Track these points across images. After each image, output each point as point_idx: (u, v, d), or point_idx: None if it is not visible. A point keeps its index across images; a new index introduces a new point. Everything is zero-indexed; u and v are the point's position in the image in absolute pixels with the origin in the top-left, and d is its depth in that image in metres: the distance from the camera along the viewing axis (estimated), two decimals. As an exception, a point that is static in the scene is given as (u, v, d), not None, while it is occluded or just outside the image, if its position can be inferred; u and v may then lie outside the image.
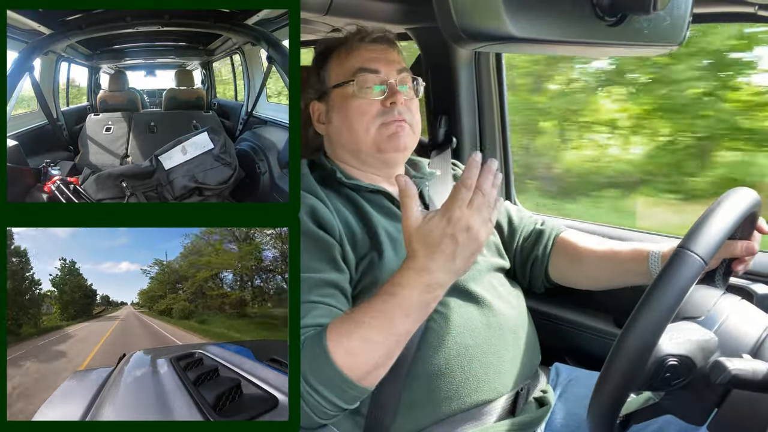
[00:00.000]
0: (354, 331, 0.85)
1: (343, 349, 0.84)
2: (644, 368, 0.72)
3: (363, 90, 1.09)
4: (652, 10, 0.62)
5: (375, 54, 1.12)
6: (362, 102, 1.09)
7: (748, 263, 0.96)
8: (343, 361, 0.84)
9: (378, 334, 0.84)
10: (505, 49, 1.14)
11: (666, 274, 0.71)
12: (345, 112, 1.10)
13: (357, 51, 1.12)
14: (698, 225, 0.74)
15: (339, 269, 0.98)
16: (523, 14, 0.59)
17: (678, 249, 0.72)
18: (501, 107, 1.64)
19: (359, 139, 1.10)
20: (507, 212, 1.30)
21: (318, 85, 1.16)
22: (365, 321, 0.84)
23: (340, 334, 0.85)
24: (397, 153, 1.12)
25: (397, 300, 0.84)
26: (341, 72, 1.12)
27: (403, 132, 1.10)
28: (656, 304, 0.69)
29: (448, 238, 0.82)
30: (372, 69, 1.10)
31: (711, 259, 0.72)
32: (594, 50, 0.83)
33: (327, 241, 0.99)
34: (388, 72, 1.11)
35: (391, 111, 1.09)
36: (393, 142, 1.09)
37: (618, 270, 1.14)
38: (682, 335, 0.75)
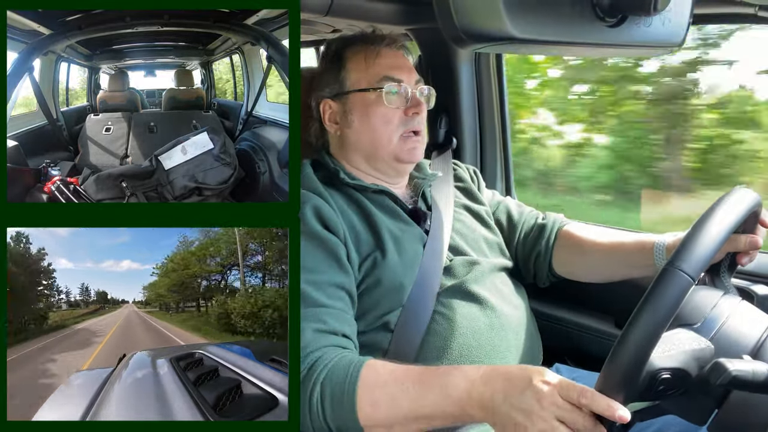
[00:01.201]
0: (389, 385, 0.83)
1: (371, 398, 0.83)
2: (637, 384, 0.71)
3: (388, 97, 1.10)
4: (653, 11, 0.62)
5: (398, 61, 1.14)
6: (387, 110, 1.10)
7: (754, 256, 0.95)
8: (363, 408, 0.83)
9: (407, 400, 0.82)
10: (505, 49, 1.14)
11: (653, 292, 0.69)
12: (367, 117, 1.11)
13: (382, 57, 1.13)
14: (688, 238, 0.72)
15: (345, 271, 0.99)
16: (523, 15, 0.59)
17: (666, 267, 0.70)
18: (501, 107, 1.64)
19: (380, 146, 1.11)
20: (507, 208, 1.30)
21: (335, 85, 1.15)
22: (404, 384, 0.83)
23: (376, 382, 0.84)
24: (412, 164, 1.15)
25: (441, 381, 0.81)
26: (364, 77, 1.12)
27: (419, 146, 1.13)
28: (644, 323, 0.68)
29: (525, 415, 0.73)
30: (397, 78, 1.11)
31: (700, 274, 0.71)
32: (594, 51, 0.83)
33: (332, 241, 0.99)
34: (409, 81, 1.12)
35: (412, 120, 1.11)
36: (411, 155, 1.12)
37: (623, 262, 1.13)
38: (675, 347, 0.74)
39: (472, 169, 1.34)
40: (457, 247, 1.13)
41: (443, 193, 1.19)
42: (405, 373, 0.85)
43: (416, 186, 1.18)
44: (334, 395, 0.84)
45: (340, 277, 0.97)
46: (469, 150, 1.61)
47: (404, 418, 0.83)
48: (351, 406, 0.83)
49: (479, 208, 1.24)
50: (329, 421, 0.85)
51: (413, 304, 1.02)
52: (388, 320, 1.02)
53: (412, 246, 1.07)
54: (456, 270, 1.09)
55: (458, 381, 0.80)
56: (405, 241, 1.06)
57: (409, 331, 1.01)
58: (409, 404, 0.82)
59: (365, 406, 0.83)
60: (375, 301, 1.01)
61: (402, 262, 1.03)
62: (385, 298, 1.02)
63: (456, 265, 1.09)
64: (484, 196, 1.30)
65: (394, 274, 1.02)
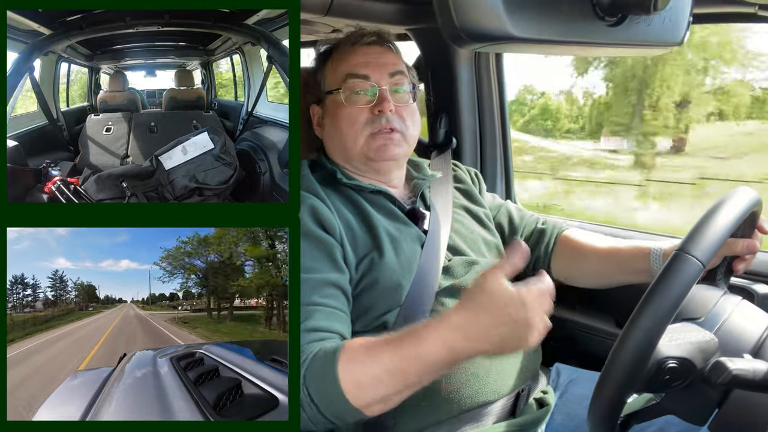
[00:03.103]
0: (369, 365, 0.83)
1: (354, 379, 0.83)
2: (644, 371, 0.72)
3: (351, 97, 1.08)
4: (653, 10, 0.62)
5: (366, 58, 1.10)
6: (351, 110, 1.07)
7: (750, 262, 0.96)
8: (350, 390, 0.83)
9: (391, 377, 0.82)
10: (505, 49, 1.14)
11: (665, 277, 0.71)
12: (336, 119, 1.09)
13: (348, 56, 1.11)
14: (697, 227, 0.74)
15: (340, 269, 0.98)
16: (522, 14, 0.59)
17: (677, 252, 0.72)
18: (501, 107, 1.64)
19: (348, 147, 1.09)
20: (508, 212, 1.30)
21: (315, 89, 1.15)
22: (382, 361, 0.82)
23: (354, 363, 0.83)
24: (388, 162, 1.10)
25: (418, 351, 0.80)
26: (333, 78, 1.11)
27: (392, 143, 1.08)
28: (655, 307, 0.69)
29: (508, 318, 0.76)
30: (361, 74, 1.08)
31: (710, 261, 0.72)
32: (594, 50, 0.83)
33: (328, 241, 0.99)
34: (379, 77, 1.08)
35: (379, 119, 1.07)
36: (381, 153, 1.08)
37: (620, 268, 1.14)
38: (681, 337, 0.75)
39: (473, 171, 1.34)
40: (456, 247, 1.13)
41: (442, 193, 1.19)
42: (379, 347, 0.83)
43: (415, 186, 1.18)
44: (319, 387, 0.84)
45: (334, 275, 0.97)
46: (469, 150, 1.61)
47: (394, 389, 0.83)
48: (338, 393, 0.83)
49: (479, 210, 1.24)
50: (325, 413, 0.85)
51: (411, 304, 1.02)
52: (386, 320, 1.01)
53: (410, 246, 1.06)
54: (455, 270, 1.09)
55: (436, 348, 0.79)
56: (402, 241, 1.06)
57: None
58: (393, 379, 0.82)
59: (351, 389, 0.82)
60: (373, 301, 1.01)
61: (399, 263, 1.03)
62: (383, 298, 1.01)
63: (455, 265, 1.09)
64: (485, 199, 1.30)
65: (391, 274, 1.02)
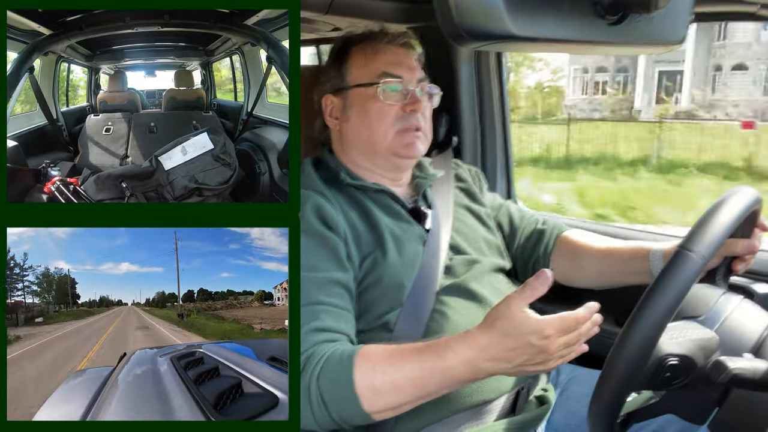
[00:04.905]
0: (390, 373, 0.84)
1: (371, 385, 0.84)
2: (644, 368, 0.72)
3: (385, 94, 1.09)
4: (653, 9, 0.61)
5: (399, 58, 1.13)
6: (383, 106, 1.10)
7: (749, 262, 0.96)
8: (365, 395, 0.83)
9: (411, 387, 0.84)
10: (505, 47, 1.14)
11: (666, 273, 0.71)
12: (365, 112, 1.11)
13: (382, 53, 1.13)
14: (699, 225, 0.75)
15: (344, 268, 0.98)
16: (523, 13, 0.59)
17: (679, 249, 0.73)
18: (502, 106, 1.64)
19: (377, 141, 1.10)
20: (508, 212, 1.30)
21: (336, 80, 1.15)
22: (403, 370, 0.84)
23: (373, 369, 0.84)
24: (411, 160, 1.14)
25: (441, 365, 0.83)
26: (364, 72, 1.12)
27: (419, 141, 1.12)
28: (656, 303, 0.70)
29: (529, 346, 0.80)
30: (396, 74, 1.10)
31: (711, 257, 0.72)
32: (594, 49, 0.83)
33: (332, 239, 0.99)
34: (410, 78, 1.11)
35: (410, 117, 1.10)
36: (408, 150, 1.11)
37: (619, 269, 1.14)
38: (682, 335, 0.75)
39: (474, 170, 1.34)
40: (458, 246, 1.13)
41: (444, 192, 1.19)
42: (400, 356, 0.85)
43: (417, 185, 1.18)
44: (333, 389, 0.84)
45: (339, 273, 0.97)
46: (470, 148, 1.61)
47: (411, 398, 0.85)
48: (352, 396, 0.83)
49: (480, 209, 1.24)
50: (333, 415, 0.85)
51: (413, 303, 1.02)
52: (388, 320, 1.02)
53: (413, 245, 1.07)
54: (456, 269, 1.09)
55: (459, 364, 0.82)
56: (405, 240, 1.06)
57: (409, 331, 1.01)
58: (412, 389, 0.84)
59: (367, 394, 0.83)
60: (375, 300, 1.01)
61: (402, 262, 1.03)
62: (386, 297, 1.01)
63: (456, 264, 1.09)
64: (486, 198, 1.30)
65: (394, 273, 1.02)
